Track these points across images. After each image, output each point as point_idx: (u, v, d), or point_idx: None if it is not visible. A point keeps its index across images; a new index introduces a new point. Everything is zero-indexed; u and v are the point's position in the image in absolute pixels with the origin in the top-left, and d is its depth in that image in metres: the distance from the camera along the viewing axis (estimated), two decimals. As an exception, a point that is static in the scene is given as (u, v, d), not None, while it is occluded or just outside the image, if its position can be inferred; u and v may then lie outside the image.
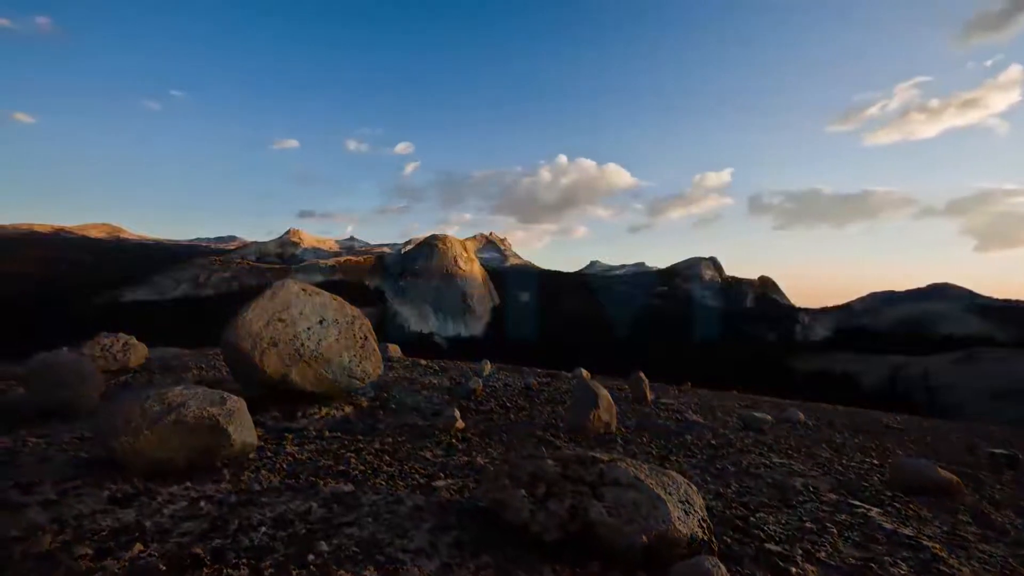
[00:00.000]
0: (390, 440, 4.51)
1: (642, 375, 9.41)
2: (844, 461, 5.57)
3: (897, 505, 3.83)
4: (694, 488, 2.57)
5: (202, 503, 2.57)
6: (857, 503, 3.77)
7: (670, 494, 2.38)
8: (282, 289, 6.38)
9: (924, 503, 3.99)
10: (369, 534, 2.36)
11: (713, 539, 2.38)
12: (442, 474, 3.50)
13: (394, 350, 14.53)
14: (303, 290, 6.58)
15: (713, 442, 5.96)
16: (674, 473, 2.63)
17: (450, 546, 2.29)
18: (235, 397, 3.45)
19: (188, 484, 2.85)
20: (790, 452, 5.78)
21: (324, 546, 2.19)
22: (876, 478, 4.87)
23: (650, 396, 9.10)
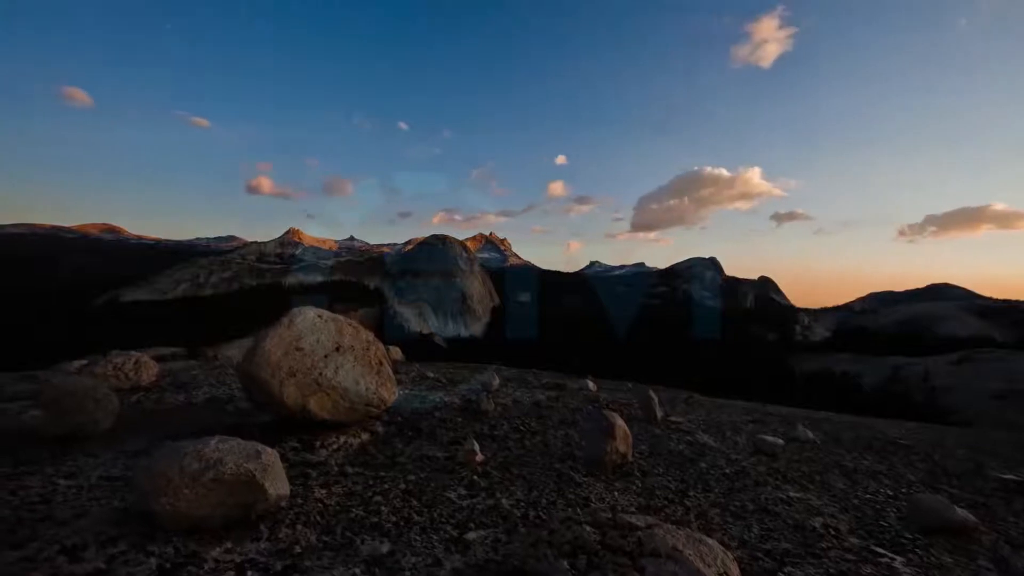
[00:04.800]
0: (413, 478, 4.56)
1: (652, 393, 9.46)
2: (859, 493, 5.63)
3: (919, 551, 3.88)
4: (730, 556, 2.62)
5: (249, 572, 2.61)
6: (880, 550, 3.82)
7: (708, 566, 2.43)
8: (299, 317, 6.43)
9: (944, 547, 4.05)
10: (415, 607, 2.41)
11: (752, 612, 2.43)
12: (472, 524, 3.55)
13: (395, 352, 14.56)
14: (319, 316, 6.63)
15: (727, 471, 6.02)
16: (710, 541, 2.67)
17: (496, 621, 2.34)
18: (270, 450, 3.49)
19: (229, 545, 2.89)
20: (804, 482, 5.84)
21: (375, 626, 2.23)
22: (892, 513, 4.93)
23: (659, 414, 9.16)
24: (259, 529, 3.13)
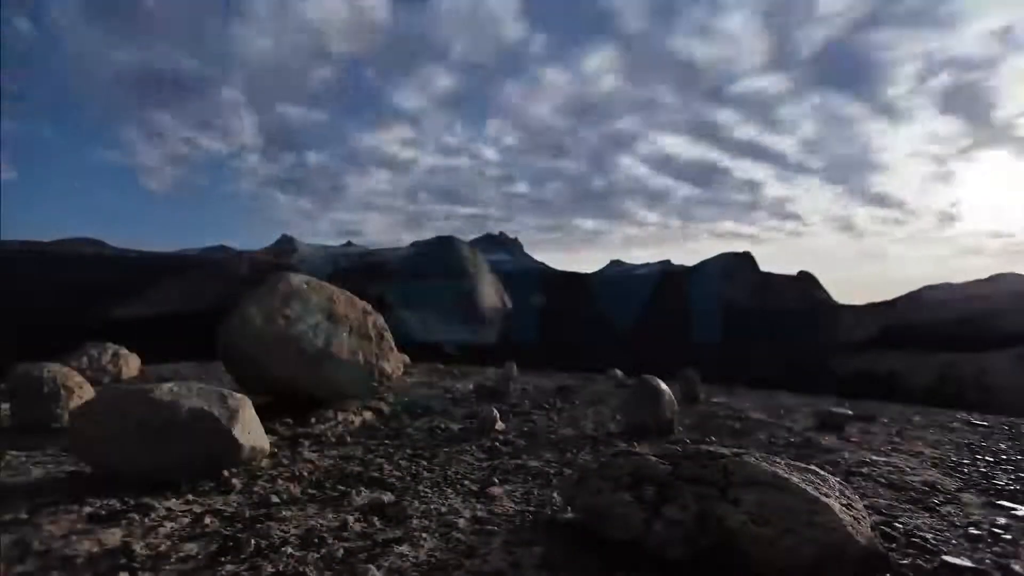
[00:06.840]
0: (423, 445, 4.09)
1: (692, 373, 8.92)
2: (954, 459, 5.05)
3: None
4: (849, 487, 2.11)
5: (208, 519, 2.15)
6: (1008, 504, 3.28)
7: (827, 495, 1.92)
8: (282, 282, 6.03)
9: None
10: (428, 554, 1.92)
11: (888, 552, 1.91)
12: (496, 479, 3.06)
13: (403, 359, 14.22)
14: (306, 283, 6.24)
15: (793, 440, 5.48)
16: (818, 469, 2.17)
17: (538, 568, 1.84)
18: (238, 395, 3.03)
19: (190, 497, 2.44)
20: (886, 450, 5.27)
21: (374, 572, 1.75)
22: (1003, 476, 4.36)
23: (702, 395, 8.62)
24: (230, 483, 2.67)
